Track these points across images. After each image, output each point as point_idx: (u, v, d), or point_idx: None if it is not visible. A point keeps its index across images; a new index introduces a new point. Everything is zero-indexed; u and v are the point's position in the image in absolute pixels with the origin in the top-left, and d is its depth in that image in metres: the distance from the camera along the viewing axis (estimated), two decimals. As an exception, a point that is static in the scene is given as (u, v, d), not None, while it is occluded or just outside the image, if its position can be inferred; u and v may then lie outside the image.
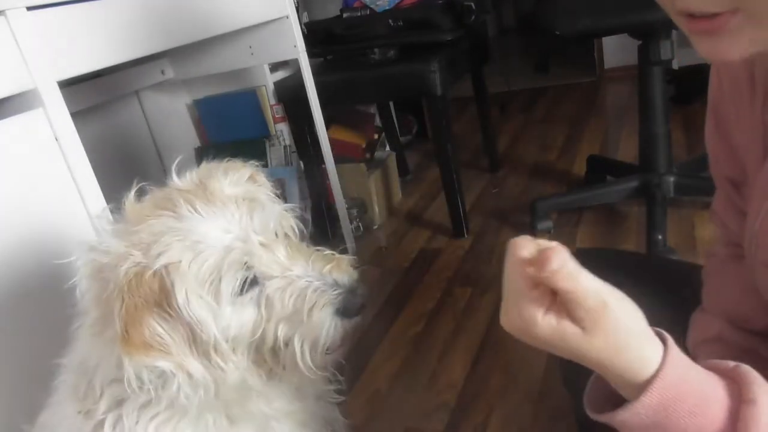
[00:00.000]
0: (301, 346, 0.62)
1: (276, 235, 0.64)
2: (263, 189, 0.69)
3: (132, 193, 0.65)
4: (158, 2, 1.21)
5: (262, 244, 0.61)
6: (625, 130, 2.65)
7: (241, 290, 0.60)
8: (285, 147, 1.98)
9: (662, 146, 1.78)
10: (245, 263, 0.60)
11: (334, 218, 1.99)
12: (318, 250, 0.67)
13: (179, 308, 0.57)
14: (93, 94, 1.66)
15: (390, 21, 1.96)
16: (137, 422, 0.61)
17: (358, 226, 2.14)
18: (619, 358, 0.48)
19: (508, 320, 0.51)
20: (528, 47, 4.47)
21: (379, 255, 2.04)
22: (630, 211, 1.94)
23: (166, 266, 0.57)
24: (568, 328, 0.48)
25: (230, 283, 0.59)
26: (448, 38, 1.94)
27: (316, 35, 2.05)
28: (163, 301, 0.56)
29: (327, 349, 0.63)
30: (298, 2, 2.14)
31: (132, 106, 1.91)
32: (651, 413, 0.47)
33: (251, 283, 0.61)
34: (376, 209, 2.24)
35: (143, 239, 0.59)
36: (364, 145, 2.24)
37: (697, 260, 1.56)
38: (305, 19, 2.27)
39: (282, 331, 0.61)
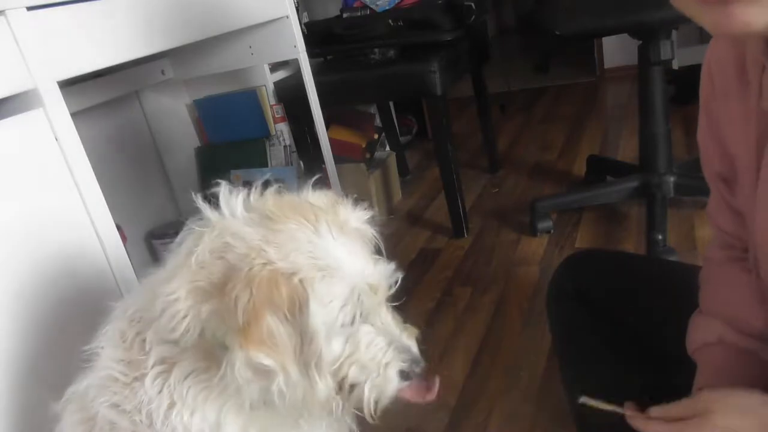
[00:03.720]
0: (369, 393, 0.66)
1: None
2: (375, 237, 0.75)
3: (259, 185, 0.66)
4: (158, 2, 1.21)
5: (371, 287, 0.65)
6: (625, 130, 2.65)
7: (351, 323, 0.64)
8: (285, 147, 1.98)
9: (662, 146, 1.78)
10: (361, 299, 0.63)
11: (334, 218, 1.99)
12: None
13: (301, 318, 0.59)
14: (93, 94, 1.66)
15: (390, 21, 1.96)
16: (185, 387, 0.62)
17: (358, 226, 2.14)
18: None
19: None
20: (528, 47, 4.47)
21: (379, 255, 2.03)
22: (630, 211, 1.94)
23: (301, 278, 0.59)
24: None
25: (345, 314, 0.62)
26: (448, 38, 1.94)
27: (316, 35, 2.05)
28: (287, 307, 0.58)
29: (374, 408, 0.68)
30: (298, 2, 2.14)
31: (132, 106, 1.91)
32: None
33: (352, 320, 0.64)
34: (376, 209, 2.24)
35: (282, 241, 0.60)
36: (364, 145, 2.24)
37: (696, 261, 1.57)
38: (305, 19, 2.27)
39: (352, 374, 0.65)
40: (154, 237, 1.88)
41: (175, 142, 2.01)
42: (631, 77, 2.48)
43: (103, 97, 1.72)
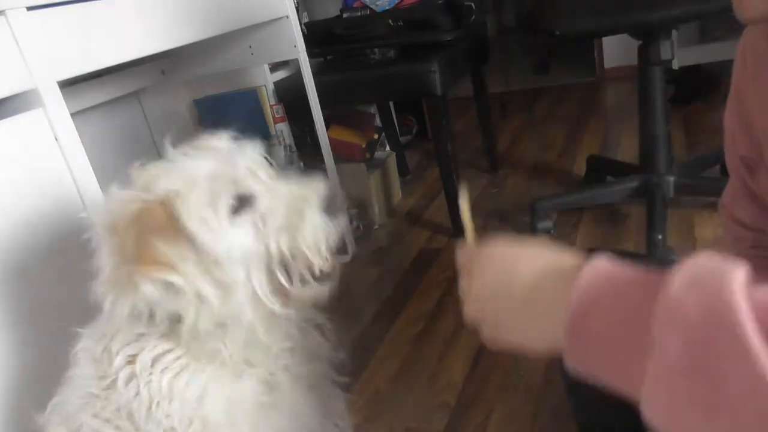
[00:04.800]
0: (308, 248, 0.67)
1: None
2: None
3: (137, 165, 0.71)
4: (158, 2, 1.21)
5: (247, 169, 0.69)
6: (625, 130, 2.65)
7: (236, 210, 0.66)
8: (285, 147, 1.98)
9: (662, 146, 1.78)
10: (234, 182, 0.66)
11: (334, 218, 1.99)
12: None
13: (185, 232, 0.62)
14: (93, 94, 1.66)
15: (390, 21, 1.96)
16: (154, 376, 0.64)
17: (358, 226, 2.14)
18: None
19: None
20: (528, 47, 4.47)
21: (379, 255, 2.04)
22: (630, 211, 1.94)
23: (166, 196, 0.63)
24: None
25: (224, 203, 0.65)
26: (448, 38, 1.94)
27: (316, 35, 2.05)
28: (169, 227, 0.62)
29: (324, 253, 0.69)
30: (298, 2, 2.14)
31: (132, 106, 1.91)
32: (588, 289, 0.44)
33: (243, 204, 0.67)
34: (376, 209, 2.24)
35: (143, 182, 0.66)
36: (364, 145, 2.24)
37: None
38: (305, 19, 2.27)
39: (283, 242, 0.67)
40: (154, 237, 1.88)
41: (175, 142, 2.00)
42: (631, 77, 2.48)
43: (103, 97, 1.72)
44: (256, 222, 0.67)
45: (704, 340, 0.34)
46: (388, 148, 2.51)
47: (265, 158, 0.74)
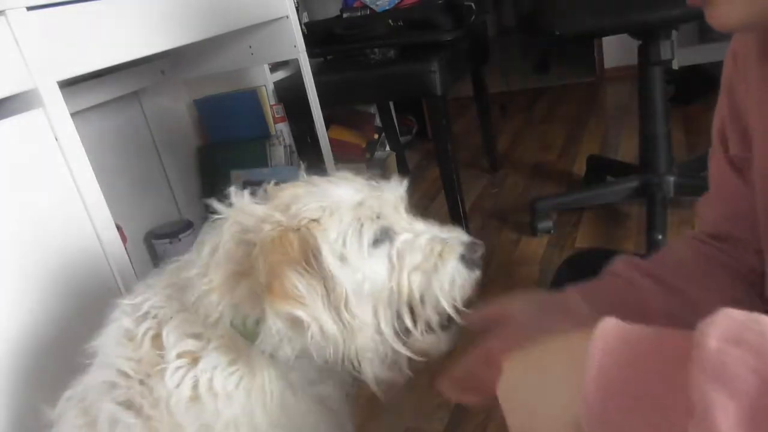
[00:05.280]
0: (440, 293, 0.64)
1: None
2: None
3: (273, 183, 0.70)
4: (158, 2, 1.21)
5: (390, 203, 0.67)
6: (625, 130, 2.65)
7: (374, 243, 0.64)
8: (285, 147, 1.97)
9: (662, 146, 1.78)
10: (377, 216, 0.64)
11: (334, 218, 1.99)
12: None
13: (318, 264, 0.60)
14: (93, 94, 1.66)
15: (390, 21, 1.96)
16: (212, 377, 0.63)
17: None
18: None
19: None
20: (528, 47, 4.47)
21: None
22: (630, 211, 1.94)
23: (307, 226, 0.61)
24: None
25: (365, 235, 0.63)
26: (448, 38, 1.94)
27: (316, 35, 2.05)
28: (302, 257, 0.60)
29: (457, 302, 0.66)
30: (298, 2, 2.14)
31: (132, 106, 1.90)
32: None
33: (382, 238, 0.64)
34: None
35: (282, 202, 0.64)
36: (364, 145, 2.24)
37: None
38: (305, 19, 2.27)
39: (416, 282, 0.64)
40: (154, 237, 1.88)
41: (175, 142, 2.00)
42: (631, 77, 2.48)
43: (103, 97, 1.72)
44: (391, 257, 0.64)
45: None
46: (388, 148, 2.51)
47: (406, 196, 0.71)
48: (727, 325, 0.34)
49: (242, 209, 0.65)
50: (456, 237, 0.66)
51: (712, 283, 0.68)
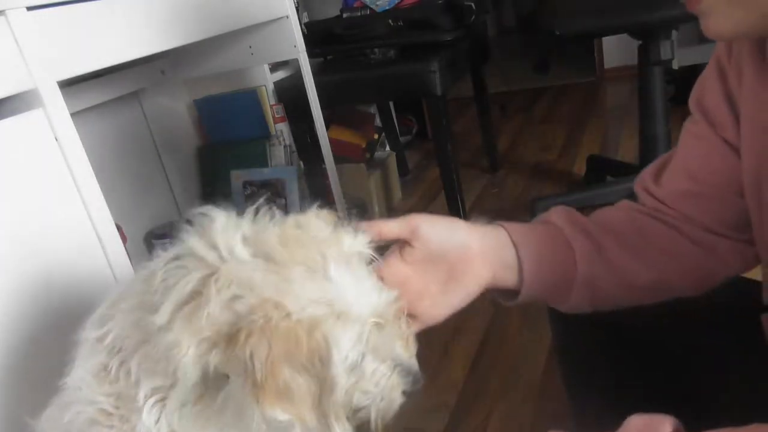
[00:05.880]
0: (375, 415, 0.65)
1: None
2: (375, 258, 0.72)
3: (252, 211, 0.61)
4: (158, 2, 1.21)
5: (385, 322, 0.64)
6: (625, 130, 2.66)
7: (361, 360, 0.62)
8: (285, 147, 1.98)
9: (662, 146, 1.78)
10: (368, 338, 0.62)
11: (334, 218, 1.99)
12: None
13: (321, 369, 0.56)
14: (93, 94, 1.66)
15: (390, 21, 1.96)
16: (182, 417, 0.60)
17: (358, 226, 2.14)
18: None
19: None
20: (528, 47, 4.47)
21: (379, 254, 2.03)
22: (630, 211, 1.94)
23: (323, 332, 0.56)
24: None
25: (360, 351, 0.61)
26: (448, 38, 1.94)
27: (316, 35, 2.05)
28: (308, 362, 0.55)
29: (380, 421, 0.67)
30: (298, 2, 2.14)
31: (132, 106, 1.90)
32: None
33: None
34: (376, 209, 2.24)
35: (295, 290, 0.57)
36: (364, 145, 2.24)
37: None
38: (305, 19, 2.27)
39: (357, 399, 0.64)
40: (154, 237, 1.88)
41: (175, 142, 2.00)
42: (631, 77, 2.48)
43: (103, 97, 1.72)
44: (354, 371, 0.62)
45: None
46: (388, 148, 2.51)
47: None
48: None
49: (238, 275, 0.56)
50: (408, 371, 0.67)
51: (643, 252, 0.71)
